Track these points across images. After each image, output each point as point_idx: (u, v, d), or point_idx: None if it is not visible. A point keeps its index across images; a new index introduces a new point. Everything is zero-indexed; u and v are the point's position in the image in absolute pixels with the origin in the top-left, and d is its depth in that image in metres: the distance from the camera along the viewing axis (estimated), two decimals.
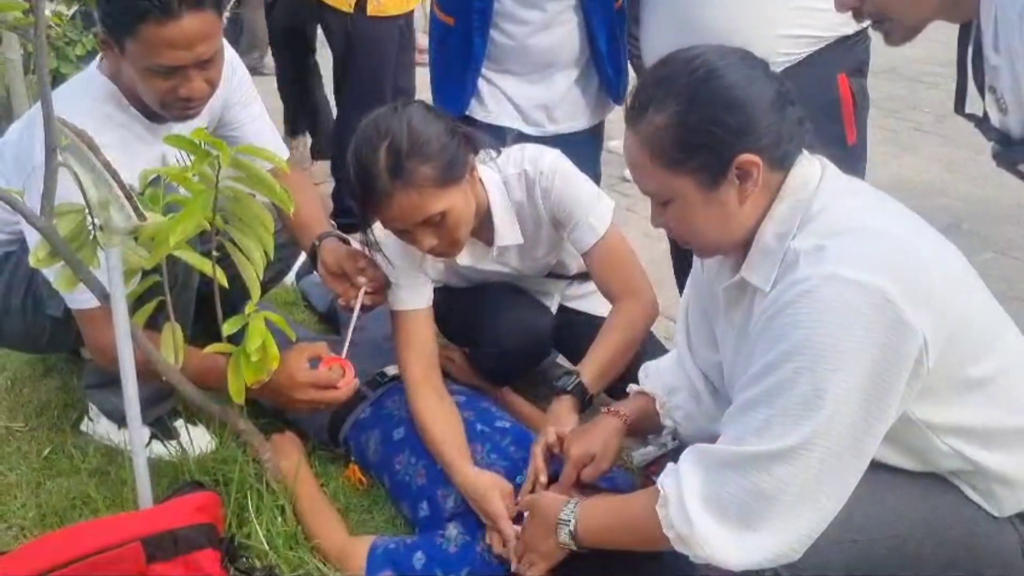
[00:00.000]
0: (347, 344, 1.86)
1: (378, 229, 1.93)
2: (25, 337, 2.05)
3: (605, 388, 1.94)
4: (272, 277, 2.39)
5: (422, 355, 1.93)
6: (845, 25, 1.92)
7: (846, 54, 1.99)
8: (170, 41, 1.66)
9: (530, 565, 1.54)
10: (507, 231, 1.98)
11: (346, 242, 2.03)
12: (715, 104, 1.28)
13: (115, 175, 1.44)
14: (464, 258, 2.02)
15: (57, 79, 3.29)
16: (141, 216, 1.45)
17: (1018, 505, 1.38)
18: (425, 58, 2.84)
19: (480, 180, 1.91)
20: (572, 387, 1.82)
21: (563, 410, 1.81)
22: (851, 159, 2.03)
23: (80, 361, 2.37)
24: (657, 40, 2.07)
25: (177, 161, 1.98)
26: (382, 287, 1.93)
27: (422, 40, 6.30)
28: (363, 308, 1.90)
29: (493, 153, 1.96)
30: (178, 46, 1.67)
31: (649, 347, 2.06)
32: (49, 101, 1.41)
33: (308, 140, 4.09)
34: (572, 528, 1.45)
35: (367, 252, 1.96)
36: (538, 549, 1.52)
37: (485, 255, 2.04)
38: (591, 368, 1.86)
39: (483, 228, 1.98)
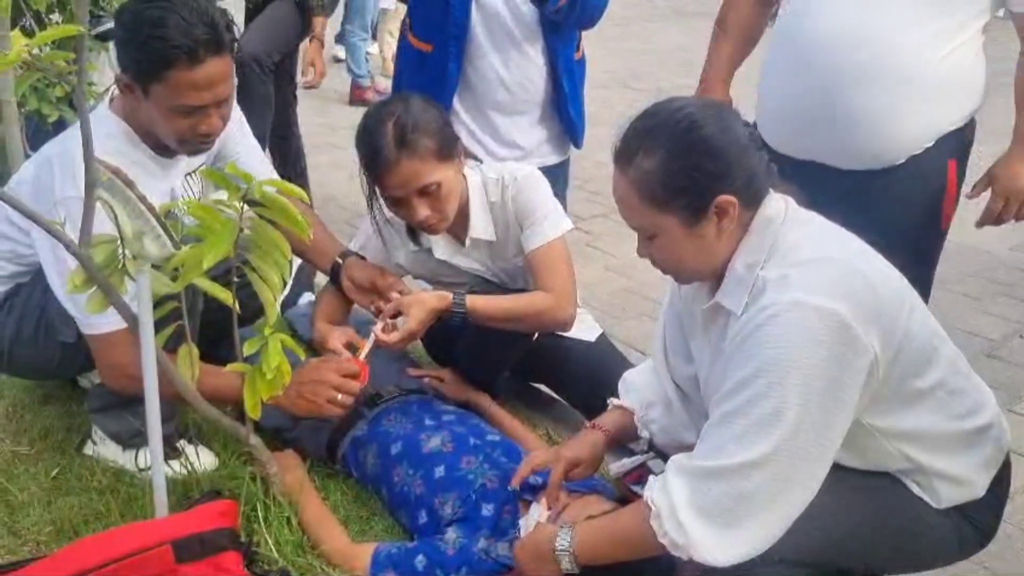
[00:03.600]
0: (369, 347, 2.03)
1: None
2: (35, 363, 2.13)
3: (481, 319, 2.11)
4: (259, 309, 2.52)
5: (334, 297, 2.29)
6: (965, 117, 2.05)
7: (958, 139, 2.07)
8: (195, 84, 1.81)
9: None
10: (480, 225, 2.20)
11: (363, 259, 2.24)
12: (696, 152, 1.44)
13: (151, 208, 1.58)
14: (441, 251, 2.24)
15: (39, 119, 3.40)
16: (177, 245, 1.59)
17: (955, 499, 1.56)
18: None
19: (464, 175, 2.15)
20: (456, 296, 2.07)
21: (431, 298, 2.06)
22: (939, 240, 2.16)
23: (77, 389, 2.47)
24: (779, 100, 2.10)
25: (184, 195, 2.12)
26: None
27: (381, 82, 6.50)
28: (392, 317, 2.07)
29: (476, 161, 2.22)
30: (202, 88, 1.82)
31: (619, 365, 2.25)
32: (90, 140, 1.54)
33: None
34: (572, 555, 1.57)
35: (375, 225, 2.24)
36: None
37: (459, 249, 2.25)
38: (479, 297, 2.10)
39: (460, 224, 2.20)
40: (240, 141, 2.28)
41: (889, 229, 1.59)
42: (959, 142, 2.08)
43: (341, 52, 7.12)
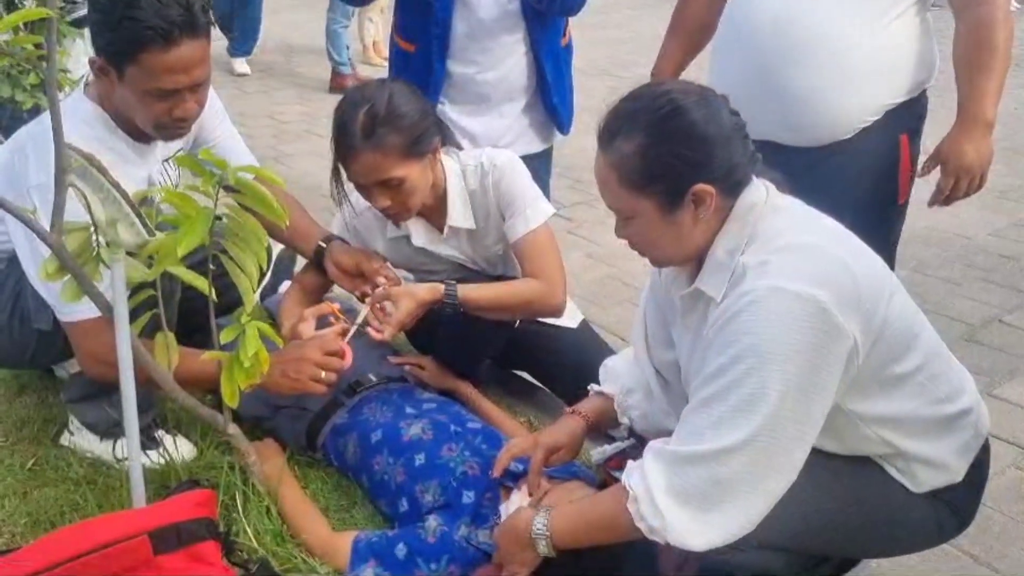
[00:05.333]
0: (352, 331, 2.02)
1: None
2: (10, 352, 2.10)
3: (474, 309, 2.09)
4: (237, 297, 2.50)
5: (304, 288, 2.30)
6: (913, 90, 2.09)
7: (907, 113, 2.11)
8: (169, 66, 1.78)
9: (512, 575, 1.65)
10: (458, 213, 2.19)
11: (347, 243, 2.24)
12: (676, 139, 1.43)
13: (124, 195, 1.56)
14: (419, 238, 2.23)
15: (13, 107, 3.36)
16: (151, 232, 1.57)
17: (934, 483, 1.56)
18: None
19: (441, 164, 2.14)
20: (448, 288, 2.05)
21: (422, 290, 2.03)
22: (897, 216, 2.19)
23: (53, 379, 2.44)
24: (724, 83, 2.08)
25: (162, 182, 2.10)
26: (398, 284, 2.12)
27: (362, 70, 6.47)
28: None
29: (457, 149, 2.21)
30: (176, 71, 1.80)
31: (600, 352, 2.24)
32: (60, 126, 1.52)
33: None
34: (548, 538, 1.57)
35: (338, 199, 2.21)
36: (517, 560, 1.64)
37: (437, 237, 2.24)
38: (470, 287, 2.08)
39: (438, 212, 2.19)
40: (217, 127, 2.25)
41: (845, 205, 1.62)
42: (909, 116, 2.12)
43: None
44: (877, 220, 2.10)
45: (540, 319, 2.34)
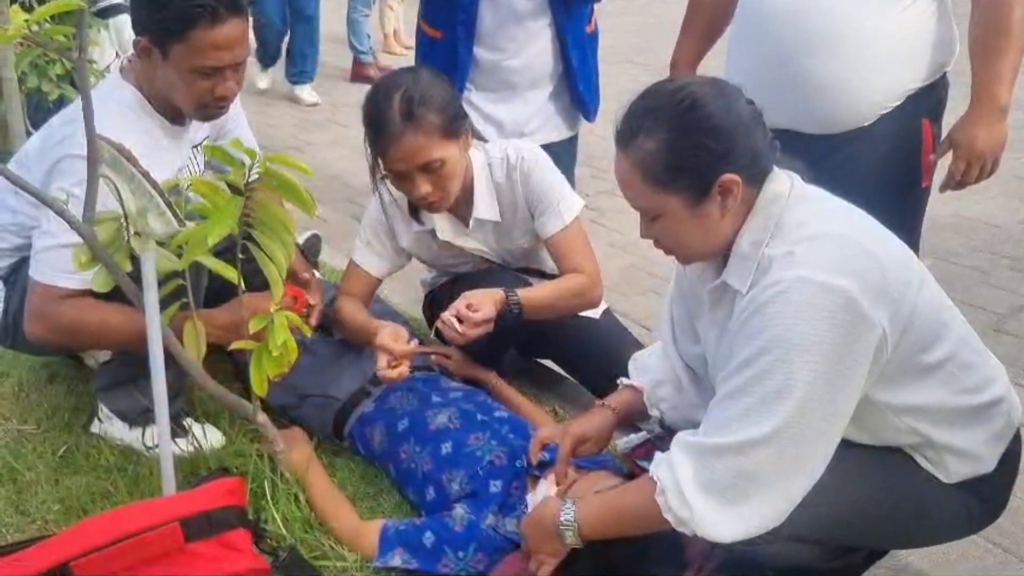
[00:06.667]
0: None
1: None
2: None
3: (533, 318, 2.12)
4: (264, 284, 2.52)
5: (355, 298, 2.27)
6: (934, 74, 2.07)
7: (928, 97, 2.09)
8: (216, 44, 1.83)
9: (539, 565, 1.65)
10: (485, 205, 2.18)
11: None
12: (699, 131, 1.42)
13: (155, 185, 1.57)
14: (444, 232, 2.22)
15: (39, 98, 3.39)
16: (181, 222, 1.58)
17: (964, 474, 1.55)
18: None
19: (468, 155, 2.13)
20: (511, 295, 2.06)
21: (488, 295, 2.03)
22: (920, 201, 2.18)
23: (83, 367, 2.47)
24: (742, 72, 2.12)
25: (191, 168, 2.12)
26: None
27: (383, 59, 6.47)
28: None
29: (482, 141, 2.21)
30: (222, 48, 1.85)
31: (631, 346, 2.24)
32: (91, 117, 1.53)
33: None
34: (576, 529, 1.58)
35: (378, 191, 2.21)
36: (544, 551, 1.64)
37: (462, 230, 2.23)
38: (529, 292, 2.12)
39: (463, 205, 2.18)
40: (239, 122, 2.30)
41: (867, 191, 1.61)
42: (930, 100, 2.10)
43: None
44: (900, 205, 2.09)
45: None
